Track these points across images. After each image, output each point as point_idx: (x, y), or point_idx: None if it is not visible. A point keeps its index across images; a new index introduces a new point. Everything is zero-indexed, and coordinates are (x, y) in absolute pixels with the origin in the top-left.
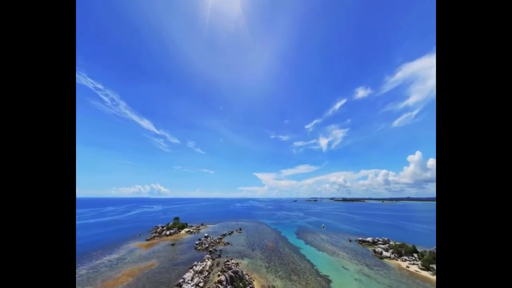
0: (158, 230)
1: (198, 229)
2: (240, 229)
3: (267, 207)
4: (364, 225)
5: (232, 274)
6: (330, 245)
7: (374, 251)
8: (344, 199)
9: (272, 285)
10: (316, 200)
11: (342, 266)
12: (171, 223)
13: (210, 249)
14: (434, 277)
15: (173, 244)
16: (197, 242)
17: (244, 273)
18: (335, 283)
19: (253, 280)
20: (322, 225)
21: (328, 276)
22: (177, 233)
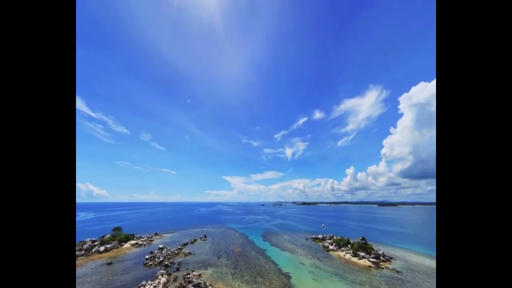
0: (85, 246)
1: (150, 241)
2: (205, 236)
3: (236, 211)
4: (317, 224)
5: (193, 287)
6: (291, 244)
7: (323, 245)
8: (303, 203)
9: None
10: (281, 204)
11: (300, 262)
12: (109, 235)
13: (166, 262)
14: (360, 261)
15: (109, 263)
16: (147, 257)
17: (208, 284)
18: (294, 278)
19: None
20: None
21: (288, 273)
22: (118, 247)
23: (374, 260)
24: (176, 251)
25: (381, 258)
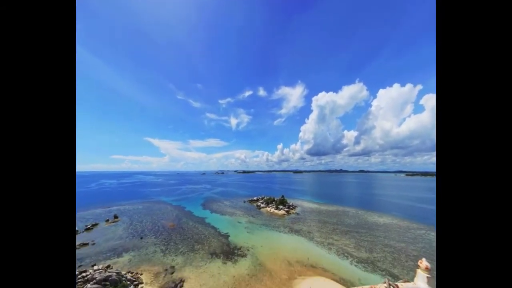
0: None
1: None
2: (116, 217)
3: (168, 182)
4: (253, 189)
5: (97, 285)
6: (231, 208)
7: (257, 205)
8: (244, 172)
9: (170, 266)
10: (223, 173)
11: (238, 221)
12: None
13: None
14: (279, 212)
15: None
16: None
17: (124, 272)
18: (232, 235)
19: (141, 274)
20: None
21: (227, 233)
22: None
23: (287, 209)
24: None
25: (290, 207)
